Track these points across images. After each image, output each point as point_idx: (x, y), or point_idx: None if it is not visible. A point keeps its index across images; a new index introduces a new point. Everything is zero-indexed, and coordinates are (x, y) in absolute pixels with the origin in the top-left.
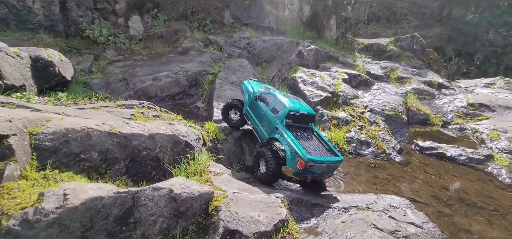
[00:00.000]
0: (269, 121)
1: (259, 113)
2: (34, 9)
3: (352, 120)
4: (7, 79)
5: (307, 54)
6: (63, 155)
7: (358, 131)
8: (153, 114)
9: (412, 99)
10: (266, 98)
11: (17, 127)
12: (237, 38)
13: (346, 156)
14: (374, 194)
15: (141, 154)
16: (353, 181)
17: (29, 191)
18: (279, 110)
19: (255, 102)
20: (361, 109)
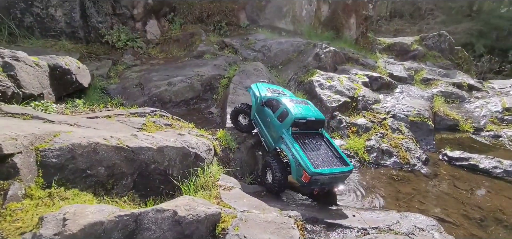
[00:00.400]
0: (275, 129)
1: (266, 121)
2: (57, 16)
3: (372, 127)
4: (26, 88)
5: (325, 56)
6: (69, 171)
7: (379, 139)
8: (165, 123)
9: (440, 103)
10: (273, 104)
11: (22, 144)
12: (253, 40)
13: (365, 166)
14: (396, 212)
15: (149, 168)
16: (373, 195)
17: (32, 211)
18: (284, 118)
19: (261, 109)
20: (383, 115)
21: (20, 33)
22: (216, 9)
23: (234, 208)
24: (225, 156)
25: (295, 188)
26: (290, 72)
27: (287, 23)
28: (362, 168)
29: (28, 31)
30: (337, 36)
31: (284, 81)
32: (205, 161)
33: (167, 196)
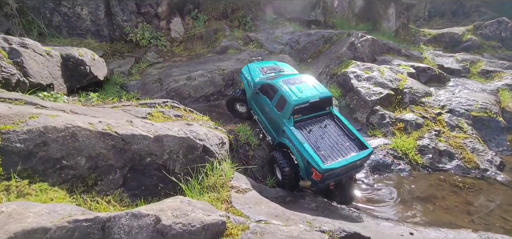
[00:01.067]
0: (275, 120)
1: (264, 110)
2: (83, 15)
3: (424, 123)
4: (33, 77)
5: (361, 45)
6: (39, 160)
7: (434, 138)
8: (175, 114)
9: (508, 98)
10: (269, 90)
11: None
12: (279, 34)
13: (418, 170)
14: (473, 231)
15: (144, 161)
16: (433, 207)
17: None
18: (283, 106)
19: (257, 96)
20: (437, 110)
21: (49, 33)
22: (241, 4)
23: (247, 216)
24: (244, 153)
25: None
26: (321, 65)
27: (317, 15)
28: (414, 173)
29: (56, 30)
30: (374, 28)
31: (314, 75)
32: (216, 156)
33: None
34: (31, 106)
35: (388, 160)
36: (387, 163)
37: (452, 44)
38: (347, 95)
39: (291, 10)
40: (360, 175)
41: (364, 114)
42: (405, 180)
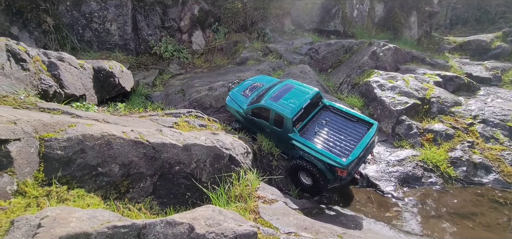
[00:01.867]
0: (279, 136)
1: (265, 130)
2: (112, 30)
3: (455, 134)
4: (68, 88)
5: (384, 54)
6: (77, 167)
7: (467, 149)
8: (200, 124)
9: None
10: (260, 112)
11: (23, 130)
12: (299, 44)
13: (452, 184)
14: None
15: (173, 169)
16: (473, 224)
17: (18, 214)
18: (282, 123)
19: (252, 120)
20: (468, 120)
21: (81, 47)
22: (260, 17)
23: (277, 228)
24: (267, 163)
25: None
26: (342, 75)
27: (336, 25)
28: (447, 187)
29: (88, 45)
30: (395, 37)
31: (334, 85)
32: (241, 166)
33: (194, 206)
34: (68, 116)
35: (418, 172)
36: (417, 175)
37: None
38: (370, 105)
39: (309, 21)
40: (389, 188)
41: (389, 125)
42: (438, 194)
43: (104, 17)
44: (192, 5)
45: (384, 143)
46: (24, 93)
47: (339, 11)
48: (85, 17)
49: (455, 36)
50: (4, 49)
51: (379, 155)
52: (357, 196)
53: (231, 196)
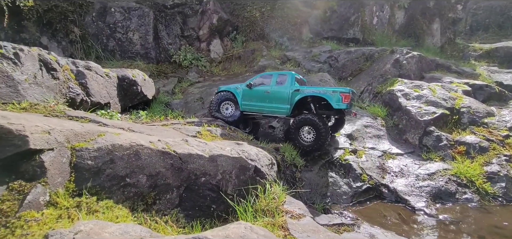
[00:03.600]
0: (282, 94)
1: (264, 96)
2: (134, 39)
3: (490, 147)
4: (94, 96)
5: (408, 62)
6: (106, 177)
7: (505, 164)
8: (221, 133)
9: None
10: (257, 82)
11: (56, 140)
12: (317, 52)
13: (489, 201)
14: None
15: (199, 181)
16: None
17: (50, 225)
18: (285, 80)
19: (250, 91)
20: (504, 132)
21: (104, 56)
22: (278, 25)
23: None
24: (291, 175)
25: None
26: (363, 83)
27: (355, 33)
28: (484, 204)
29: (111, 54)
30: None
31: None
32: (266, 178)
33: (219, 220)
34: (95, 124)
35: (451, 187)
36: (450, 191)
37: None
38: (394, 114)
39: (328, 29)
40: (420, 204)
41: (416, 136)
42: (475, 212)
43: (127, 27)
44: (211, 15)
45: (411, 155)
46: (53, 101)
47: (358, 18)
48: (109, 27)
49: (479, 42)
50: (37, 59)
51: (406, 168)
52: (386, 212)
53: (257, 210)
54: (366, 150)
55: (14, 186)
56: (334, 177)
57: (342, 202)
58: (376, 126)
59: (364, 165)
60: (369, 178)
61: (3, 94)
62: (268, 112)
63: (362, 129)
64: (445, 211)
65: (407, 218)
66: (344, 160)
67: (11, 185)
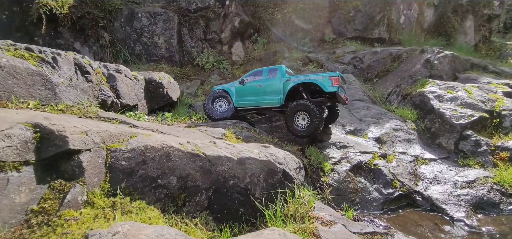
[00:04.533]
0: (274, 86)
1: (257, 91)
2: (159, 43)
3: None
4: (123, 98)
5: (439, 62)
6: (139, 178)
7: None
8: (246, 135)
9: None
10: (249, 79)
11: (93, 141)
12: (340, 53)
13: None
14: None
15: (227, 183)
16: None
17: (88, 225)
18: (277, 72)
19: (243, 87)
20: None
21: (131, 60)
22: (299, 27)
23: None
24: (317, 179)
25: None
26: (390, 85)
27: (381, 33)
28: None
29: (137, 57)
30: (447, 43)
31: (382, 96)
32: (295, 182)
33: (247, 223)
34: (126, 126)
35: (495, 197)
36: (493, 200)
37: None
38: (426, 117)
39: (351, 29)
40: (460, 214)
41: (451, 140)
42: None
43: (153, 31)
44: (233, 18)
45: (446, 161)
46: (87, 103)
47: (384, 17)
48: (136, 32)
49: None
50: (72, 63)
51: (442, 174)
52: (421, 221)
53: (287, 215)
54: (396, 154)
55: (55, 185)
56: (363, 183)
57: (372, 209)
58: (406, 129)
59: (395, 170)
60: (401, 184)
61: (42, 96)
62: (262, 105)
63: (391, 132)
64: (488, 222)
65: (445, 229)
66: (373, 164)
67: (52, 184)
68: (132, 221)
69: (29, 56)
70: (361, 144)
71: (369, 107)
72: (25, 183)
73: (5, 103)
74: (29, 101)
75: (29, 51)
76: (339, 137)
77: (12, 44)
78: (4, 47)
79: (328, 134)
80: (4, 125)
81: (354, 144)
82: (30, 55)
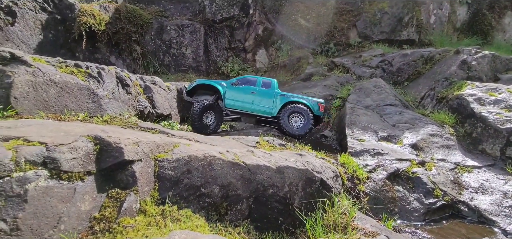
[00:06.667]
0: (266, 97)
1: (248, 97)
2: (186, 54)
3: None
4: (158, 109)
5: (478, 63)
6: (184, 187)
7: None
8: (279, 143)
9: None
10: (246, 82)
11: (143, 152)
12: (367, 57)
13: None
14: None
15: (267, 192)
16: None
17: (143, 232)
18: (269, 85)
19: (234, 89)
20: None
21: (161, 70)
22: (323, 31)
23: None
24: (353, 187)
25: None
26: (423, 88)
27: (409, 34)
28: None
29: (166, 68)
30: (484, 42)
31: (414, 100)
32: (332, 191)
33: (287, 233)
34: (164, 135)
35: None
36: None
37: None
38: (465, 122)
39: (378, 32)
40: None
41: (497, 146)
42: None
43: (181, 43)
44: (257, 26)
45: (492, 168)
46: (127, 114)
47: (413, 18)
48: (165, 44)
49: None
50: (114, 76)
51: (488, 183)
52: (469, 234)
53: (327, 225)
54: (435, 161)
55: (113, 194)
56: (401, 192)
57: (413, 220)
58: (444, 135)
59: (435, 178)
60: (444, 193)
61: (89, 108)
62: (255, 111)
63: (427, 138)
64: None
65: None
66: (411, 172)
67: (110, 193)
68: (182, 229)
69: (78, 72)
70: (397, 151)
71: (401, 112)
72: (88, 192)
73: (59, 116)
74: (79, 114)
75: (78, 67)
76: (372, 143)
77: (63, 61)
78: (57, 65)
79: (361, 141)
80: (70, 138)
81: (389, 150)
82: (78, 71)
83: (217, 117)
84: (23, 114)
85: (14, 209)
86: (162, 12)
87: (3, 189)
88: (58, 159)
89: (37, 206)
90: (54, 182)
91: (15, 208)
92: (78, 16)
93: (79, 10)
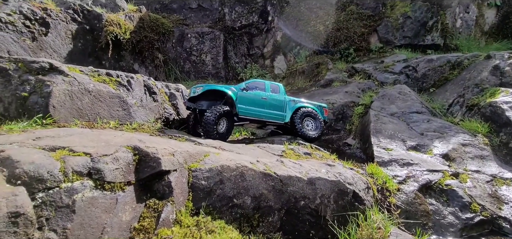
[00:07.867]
0: (276, 102)
1: (259, 102)
2: (206, 61)
3: None
4: (182, 115)
5: (511, 68)
6: (217, 197)
7: None
8: (304, 152)
9: None
10: (254, 87)
11: (178, 162)
12: (390, 62)
13: None
14: None
15: (299, 204)
16: None
17: None
18: (277, 90)
19: (245, 94)
20: None
21: (181, 77)
22: (343, 37)
23: None
24: (383, 199)
25: None
26: (450, 95)
27: (434, 39)
28: None
29: (187, 75)
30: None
31: (442, 107)
32: (365, 204)
33: None
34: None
35: None
36: None
37: None
38: (501, 131)
39: (400, 37)
40: None
41: None
42: None
43: (201, 50)
44: (275, 32)
45: None
46: (154, 121)
47: (437, 22)
48: (186, 51)
49: None
50: (142, 84)
51: None
52: None
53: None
54: (469, 173)
55: (150, 204)
56: (434, 205)
57: (449, 236)
58: (477, 145)
59: (472, 191)
60: (482, 208)
61: (120, 116)
62: (268, 118)
63: (459, 148)
64: None
65: None
66: (444, 184)
67: (148, 203)
68: None
69: (109, 81)
70: (427, 161)
71: (429, 120)
72: (128, 202)
73: (92, 124)
74: (110, 121)
75: (109, 76)
76: (401, 153)
77: (95, 70)
78: (90, 74)
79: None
80: (112, 149)
81: (418, 161)
82: (109, 80)
83: (229, 124)
84: (60, 122)
85: (63, 219)
86: (183, 20)
87: (53, 200)
88: (102, 170)
89: (83, 217)
90: (98, 192)
91: (64, 219)
92: (105, 26)
93: (106, 20)
